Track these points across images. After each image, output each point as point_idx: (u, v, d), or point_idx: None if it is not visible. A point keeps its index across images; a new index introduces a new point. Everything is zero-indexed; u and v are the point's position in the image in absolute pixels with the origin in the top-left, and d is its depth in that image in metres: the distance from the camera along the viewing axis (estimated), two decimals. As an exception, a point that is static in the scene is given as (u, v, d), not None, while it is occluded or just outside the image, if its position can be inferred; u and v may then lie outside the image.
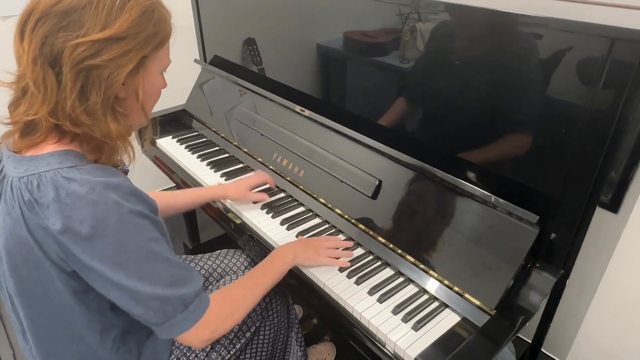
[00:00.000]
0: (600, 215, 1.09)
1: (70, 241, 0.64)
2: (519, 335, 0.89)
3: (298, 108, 1.33)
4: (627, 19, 0.85)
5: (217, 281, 1.17)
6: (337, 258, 1.04)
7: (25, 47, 0.64)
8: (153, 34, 0.69)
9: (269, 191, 1.31)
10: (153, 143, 1.63)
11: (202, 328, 0.76)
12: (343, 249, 1.08)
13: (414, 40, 1.04)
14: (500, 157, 0.97)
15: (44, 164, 0.66)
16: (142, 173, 1.83)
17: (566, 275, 0.90)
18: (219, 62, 1.74)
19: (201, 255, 1.24)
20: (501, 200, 0.90)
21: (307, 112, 1.30)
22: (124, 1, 0.66)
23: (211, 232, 2.04)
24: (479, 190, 0.93)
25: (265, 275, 0.94)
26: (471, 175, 1.01)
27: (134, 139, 0.81)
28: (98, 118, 0.67)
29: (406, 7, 1.03)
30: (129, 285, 0.67)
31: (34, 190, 0.65)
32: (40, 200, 0.64)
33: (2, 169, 0.73)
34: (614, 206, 1.11)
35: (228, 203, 1.28)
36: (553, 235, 0.90)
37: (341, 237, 1.14)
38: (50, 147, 0.69)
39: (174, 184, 1.56)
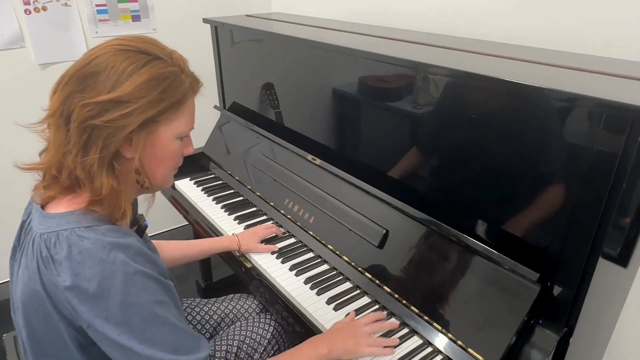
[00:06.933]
0: (608, 269, 1.09)
1: (77, 298, 0.67)
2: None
3: (310, 157, 1.39)
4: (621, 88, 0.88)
5: (228, 327, 1.20)
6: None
7: (51, 103, 0.71)
8: (158, 100, 0.71)
9: (274, 239, 1.34)
10: (172, 185, 1.70)
11: None
12: (387, 331, 1.01)
13: (427, 87, 1.09)
14: (502, 213, 0.99)
15: (63, 222, 0.70)
16: (159, 212, 1.90)
17: (569, 334, 0.90)
18: (236, 109, 1.83)
19: (214, 299, 1.28)
20: (503, 256, 0.92)
21: (318, 161, 1.36)
22: (137, 67, 0.69)
23: (223, 271, 2.08)
24: (481, 246, 0.95)
25: None
26: (475, 229, 1.03)
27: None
28: (92, 173, 0.70)
29: (415, 69, 1.09)
30: (131, 346, 0.68)
31: (51, 247, 0.68)
32: (55, 257, 0.68)
33: (30, 222, 0.77)
34: (622, 260, 1.11)
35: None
36: (557, 291, 0.91)
37: (384, 313, 1.07)
38: (69, 205, 0.73)
39: (187, 222, 1.61)
